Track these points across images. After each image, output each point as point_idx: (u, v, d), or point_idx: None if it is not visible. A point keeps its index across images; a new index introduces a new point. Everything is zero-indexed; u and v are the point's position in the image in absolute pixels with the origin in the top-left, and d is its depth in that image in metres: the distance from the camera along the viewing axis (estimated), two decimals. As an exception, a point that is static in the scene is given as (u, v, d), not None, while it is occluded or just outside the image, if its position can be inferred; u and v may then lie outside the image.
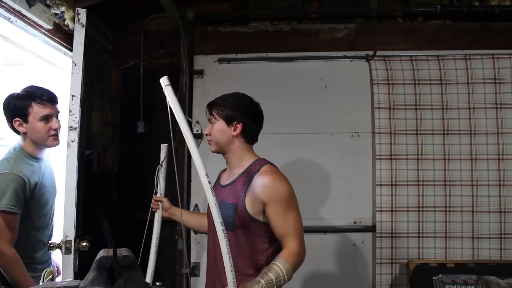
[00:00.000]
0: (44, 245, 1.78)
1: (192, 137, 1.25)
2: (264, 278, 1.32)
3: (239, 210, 1.48)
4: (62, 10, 2.10)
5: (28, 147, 1.73)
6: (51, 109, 1.72)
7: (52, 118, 1.72)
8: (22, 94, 1.69)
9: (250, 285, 1.30)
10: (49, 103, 1.71)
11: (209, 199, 1.23)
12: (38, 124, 1.68)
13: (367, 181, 2.59)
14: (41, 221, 1.76)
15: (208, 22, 2.84)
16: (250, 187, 1.49)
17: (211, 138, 1.57)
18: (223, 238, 1.22)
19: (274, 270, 1.35)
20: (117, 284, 0.95)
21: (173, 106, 1.27)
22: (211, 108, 1.58)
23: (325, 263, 2.57)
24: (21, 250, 1.64)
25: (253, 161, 1.56)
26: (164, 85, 1.30)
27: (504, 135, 2.49)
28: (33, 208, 1.70)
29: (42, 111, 1.68)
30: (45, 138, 1.71)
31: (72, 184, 1.77)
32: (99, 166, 2.76)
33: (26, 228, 1.68)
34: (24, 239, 1.67)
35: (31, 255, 1.73)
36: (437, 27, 2.71)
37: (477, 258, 2.43)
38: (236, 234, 1.49)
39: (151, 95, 2.87)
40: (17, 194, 1.58)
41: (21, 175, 1.62)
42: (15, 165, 1.64)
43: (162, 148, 1.78)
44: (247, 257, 1.50)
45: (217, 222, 1.22)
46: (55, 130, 1.72)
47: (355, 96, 2.65)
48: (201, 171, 1.22)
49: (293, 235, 1.44)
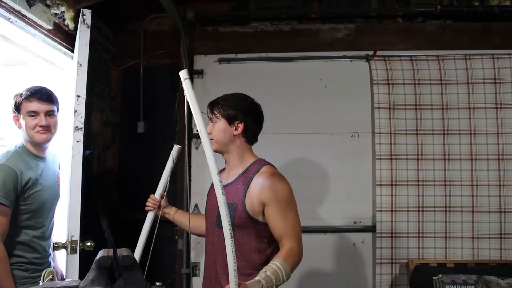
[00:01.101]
0: (41, 247, 1.75)
1: (206, 133, 1.29)
2: (264, 278, 1.33)
3: (238, 210, 1.48)
4: (62, 10, 2.10)
5: (28, 145, 1.75)
6: (39, 106, 1.72)
7: (39, 115, 1.72)
8: (22, 92, 1.74)
9: (252, 284, 1.30)
10: (37, 100, 1.71)
11: (219, 198, 1.26)
12: (25, 119, 1.71)
13: (367, 181, 2.59)
14: (33, 219, 1.72)
15: (208, 22, 2.85)
16: (250, 187, 1.50)
17: (212, 137, 1.56)
18: (229, 237, 1.23)
19: (273, 270, 1.35)
20: (117, 284, 0.94)
21: (190, 100, 1.30)
22: (212, 107, 1.59)
23: (325, 263, 2.57)
24: (10, 248, 1.61)
25: (253, 162, 1.57)
26: (183, 79, 1.31)
27: (504, 135, 2.49)
28: (24, 204, 1.68)
29: (28, 107, 1.71)
30: (31, 133, 1.72)
31: (77, 184, 1.76)
32: (99, 166, 2.76)
33: (15, 225, 1.65)
34: (13, 237, 1.64)
35: (22, 254, 1.69)
36: (437, 27, 2.71)
37: (477, 258, 2.43)
38: (235, 234, 1.48)
39: (151, 95, 2.87)
40: (6, 185, 1.58)
41: (13, 167, 1.62)
42: (10, 158, 1.65)
43: (174, 149, 1.74)
44: (245, 257, 1.50)
45: (224, 221, 1.24)
46: (41, 127, 1.72)
47: (355, 96, 2.65)
48: (213, 169, 1.25)
49: (292, 235, 1.45)
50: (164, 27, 2.92)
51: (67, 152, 1.93)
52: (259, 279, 1.32)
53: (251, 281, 1.31)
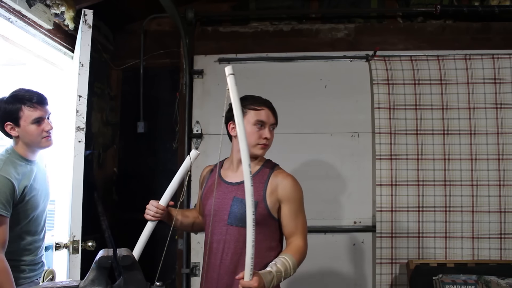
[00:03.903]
0: (36, 248, 1.75)
1: (243, 127, 1.31)
2: (274, 269, 1.40)
3: (260, 207, 1.51)
4: (62, 10, 2.10)
5: (20, 149, 1.70)
6: (42, 111, 1.69)
7: (44, 120, 1.70)
8: (12, 98, 1.66)
9: (264, 274, 1.37)
10: (40, 106, 1.68)
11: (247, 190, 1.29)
12: (30, 127, 1.66)
13: (367, 181, 2.59)
14: (31, 224, 1.72)
15: (208, 22, 2.85)
16: (268, 185, 1.55)
17: (269, 142, 1.62)
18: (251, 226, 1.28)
19: (282, 263, 1.43)
20: (117, 284, 0.94)
21: (232, 96, 1.32)
22: (274, 113, 1.68)
23: (325, 263, 2.57)
24: (8, 254, 1.60)
25: (265, 161, 1.65)
26: (228, 74, 1.35)
27: (504, 135, 2.49)
28: (22, 211, 1.66)
29: (33, 114, 1.66)
30: (38, 140, 1.69)
31: (79, 184, 1.76)
32: (99, 166, 2.76)
33: (14, 232, 1.64)
34: (12, 243, 1.63)
35: (19, 258, 1.69)
36: (437, 27, 2.71)
37: (477, 258, 2.43)
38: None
39: (151, 95, 2.87)
40: (4, 196, 1.55)
41: (9, 177, 1.58)
42: (3, 167, 1.61)
43: (192, 154, 1.61)
44: (259, 254, 1.46)
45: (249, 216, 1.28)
46: (47, 132, 1.71)
47: (355, 96, 2.65)
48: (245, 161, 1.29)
49: (301, 234, 1.54)
50: (164, 27, 2.92)
51: (68, 153, 1.92)
52: (270, 269, 1.40)
53: (263, 271, 1.39)
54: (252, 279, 1.30)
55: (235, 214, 1.52)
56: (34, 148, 1.73)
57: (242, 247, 1.46)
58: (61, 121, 2.14)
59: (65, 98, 2.26)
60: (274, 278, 1.38)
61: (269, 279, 1.36)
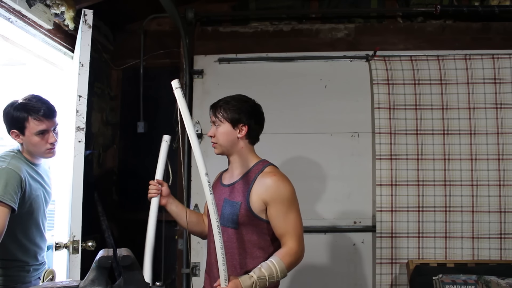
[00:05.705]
0: (40, 248, 1.76)
1: (196, 137, 1.34)
2: (257, 274, 1.38)
3: (243, 208, 1.51)
4: (62, 10, 2.10)
5: (26, 154, 1.72)
6: (48, 124, 1.68)
7: (49, 132, 1.69)
8: (20, 106, 1.65)
9: (243, 279, 1.35)
10: (46, 119, 1.67)
11: (207, 197, 1.30)
12: (34, 138, 1.66)
13: (367, 181, 2.59)
14: (35, 225, 1.73)
15: (208, 22, 2.85)
16: (253, 186, 1.53)
17: (215, 140, 1.59)
18: (217, 233, 1.29)
19: (268, 267, 1.40)
20: (117, 284, 0.94)
21: (181, 107, 1.33)
22: (215, 110, 1.60)
23: (325, 263, 2.57)
24: (13, 255, 1.61)
25: (256, 162, 1.60)
26: (175, 88, 1.34)
27: (504, 135, 2.49)
28: (27, 211, 1.67)
29: (38, 127, 1.65)
30: (41, 151, 1.70)
31: (79, 184, 1.76)
32: (99, 166, 2.76)
33: (20, 232, 1.65)
34: (17, 244, 1.64)
35: (25, 259, 1.70)
36: (437, 27, 2.71)
37: (477, 258, 2.43)
38: (239, 232, 1.52)
39: (151, 95, 2.87)
40: (10, 187, 1.54)
41: (17, 170, 1.60)
42: (11, 161, 1.62)
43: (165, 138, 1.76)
44: (249, 254, 1.52)
45: (212, 218, 1.29)
46: (51, 144, 1.70)
47: (355, 96, 2.65)
48: (202, 170, 1.29)
49: (292, 235, 1.49)
50: (164, 27, 2.92)
51: (68, 153, 1.93)
52: (252, 274, 1.38)
53: (242, 276, 1.37)
54: (228, 285, 1.30)
55: (224, 215, 1.54)
56: (37, 156, 1.74)
57: (233, 247, 1.51)
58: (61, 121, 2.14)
59: (65, 98, 2.26)
60: (256, 283, 1.36)
61: (249, 283, 1.35)
